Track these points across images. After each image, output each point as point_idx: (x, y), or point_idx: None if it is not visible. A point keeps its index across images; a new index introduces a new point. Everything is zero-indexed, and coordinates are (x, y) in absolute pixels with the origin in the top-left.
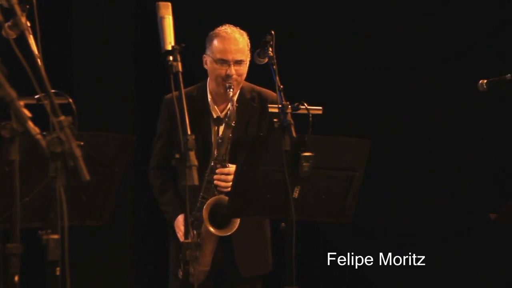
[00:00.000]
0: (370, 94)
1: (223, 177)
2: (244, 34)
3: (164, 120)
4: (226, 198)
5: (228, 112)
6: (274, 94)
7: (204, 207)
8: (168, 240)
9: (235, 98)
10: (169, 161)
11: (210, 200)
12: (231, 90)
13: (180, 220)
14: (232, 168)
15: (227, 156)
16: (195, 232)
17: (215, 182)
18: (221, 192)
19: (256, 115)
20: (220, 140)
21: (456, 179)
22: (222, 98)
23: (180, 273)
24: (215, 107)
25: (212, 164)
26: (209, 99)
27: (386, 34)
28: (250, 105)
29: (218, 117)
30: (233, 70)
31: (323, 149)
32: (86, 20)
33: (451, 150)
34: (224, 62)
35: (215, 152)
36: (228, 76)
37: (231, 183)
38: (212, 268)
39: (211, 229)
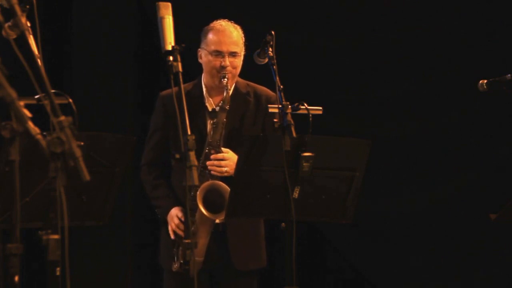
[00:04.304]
0: (370, 94)
1: (216, 162)
2: (238, 27)
3: (159, 115)
4: (220, 183)
5: (223, 97)
6: (269, 90)
7: (198, 191)
8: (160, 237)
9: (230, 90)
10: (163, 158)
11: (204, 185)
12: (226, 79)
13: (173, 212)
14: (226, 153)
15: (221, 141)
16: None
17: (209, 167)
18: (215, 177)
19: (251, 108)
20: (214, 125)
21: (456, 179)
22: (217, 91)
23: (174, 266)
24: (210, 100)
25: (207, 150)
26: (204, 92)
27: (386, 34)
28: (245, 99)
29: (213, 109)
30: (227, 61)
31: (323, 149)
32: (86, 20)
33: (451, 150)
34: (218, 53)
35: (209, 138)
36: (222, 68)
37: (225, 168)
38: (207, 263)
39: (205, 212)
